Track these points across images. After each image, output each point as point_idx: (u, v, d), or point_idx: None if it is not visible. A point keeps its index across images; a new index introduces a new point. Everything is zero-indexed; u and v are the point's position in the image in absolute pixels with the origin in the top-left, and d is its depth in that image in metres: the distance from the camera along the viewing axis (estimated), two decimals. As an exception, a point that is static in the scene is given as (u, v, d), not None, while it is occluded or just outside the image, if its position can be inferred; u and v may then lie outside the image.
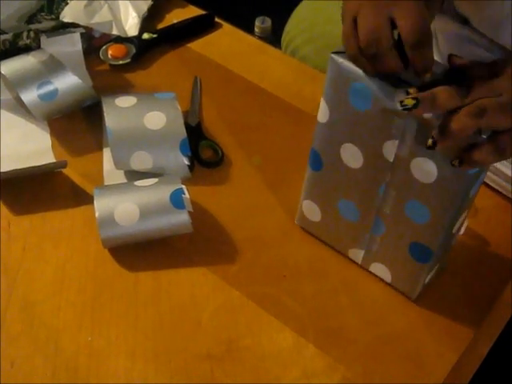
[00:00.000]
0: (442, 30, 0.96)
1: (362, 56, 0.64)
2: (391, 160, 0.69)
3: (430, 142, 0.62)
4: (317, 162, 0.76)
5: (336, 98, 0.70)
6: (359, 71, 0.66)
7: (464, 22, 0.95)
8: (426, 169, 0.66)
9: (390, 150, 0.68)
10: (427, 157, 0.65)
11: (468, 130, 0.61)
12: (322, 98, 0.71)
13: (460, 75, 0.64)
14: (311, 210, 0.81)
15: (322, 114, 0.72)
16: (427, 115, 0.63)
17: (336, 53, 0.67)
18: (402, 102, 0.61)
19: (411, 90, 0.61)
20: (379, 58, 0.63)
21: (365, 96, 0.66)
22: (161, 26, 1.11)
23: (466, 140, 0.62)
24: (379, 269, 0.79)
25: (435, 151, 0.63)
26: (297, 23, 1.23)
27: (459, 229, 0.76)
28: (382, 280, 0.80)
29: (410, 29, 0.62)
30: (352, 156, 0.72)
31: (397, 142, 0.67)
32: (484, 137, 0.61)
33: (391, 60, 0.63)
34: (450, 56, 0.66)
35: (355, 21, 0.64)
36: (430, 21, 0.64)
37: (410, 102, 0.60)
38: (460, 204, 0.68)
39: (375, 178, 0.72)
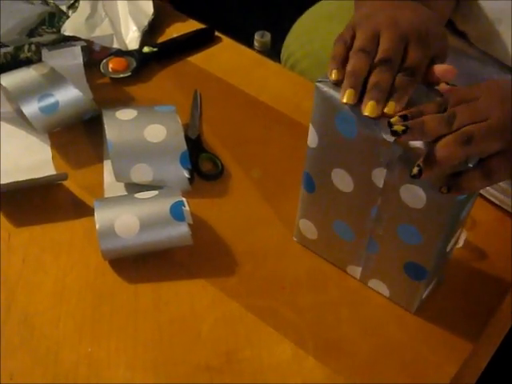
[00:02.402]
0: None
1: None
2: (380, 186, 0.69)
3: (415, 170, 0.61)
4: (310, 184, 0.76)
5: (323, 125, 0.70)
6: None
7: (460, 35, 0.96)
8: (415, 195, 0.66)
9: (378, 176, 0.68)
10: (416, 184, 0.65)
11: (456, 158, 0.61)
12: (310, 124, 0.71)
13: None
14: (308, 229, 0.82)
15: (311, 139, 0.72)
16: (413, 143, 0.62)
17: (321, 81, 0.67)
18: (391, 126, 0.61)
19: (393, 120, 0.61)
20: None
21: (350, 124, 0.66)
22: (161, 39, 1.12)
23: (453, 168, 0.62)
24: (377, 285, 0.79)
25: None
26: (296, 37, 1.24)
27: (455, 244, 0.76)
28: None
29: (386, 47, 0.65)
30: (343, 180, 0.72)
31: (385, 169, 0.67)
32: (470, 165, 0.62)
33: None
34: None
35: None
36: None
37: (399, 128, 0.60)
38: (451, 227, 0.68)
39: (366, 202, 0.72)
